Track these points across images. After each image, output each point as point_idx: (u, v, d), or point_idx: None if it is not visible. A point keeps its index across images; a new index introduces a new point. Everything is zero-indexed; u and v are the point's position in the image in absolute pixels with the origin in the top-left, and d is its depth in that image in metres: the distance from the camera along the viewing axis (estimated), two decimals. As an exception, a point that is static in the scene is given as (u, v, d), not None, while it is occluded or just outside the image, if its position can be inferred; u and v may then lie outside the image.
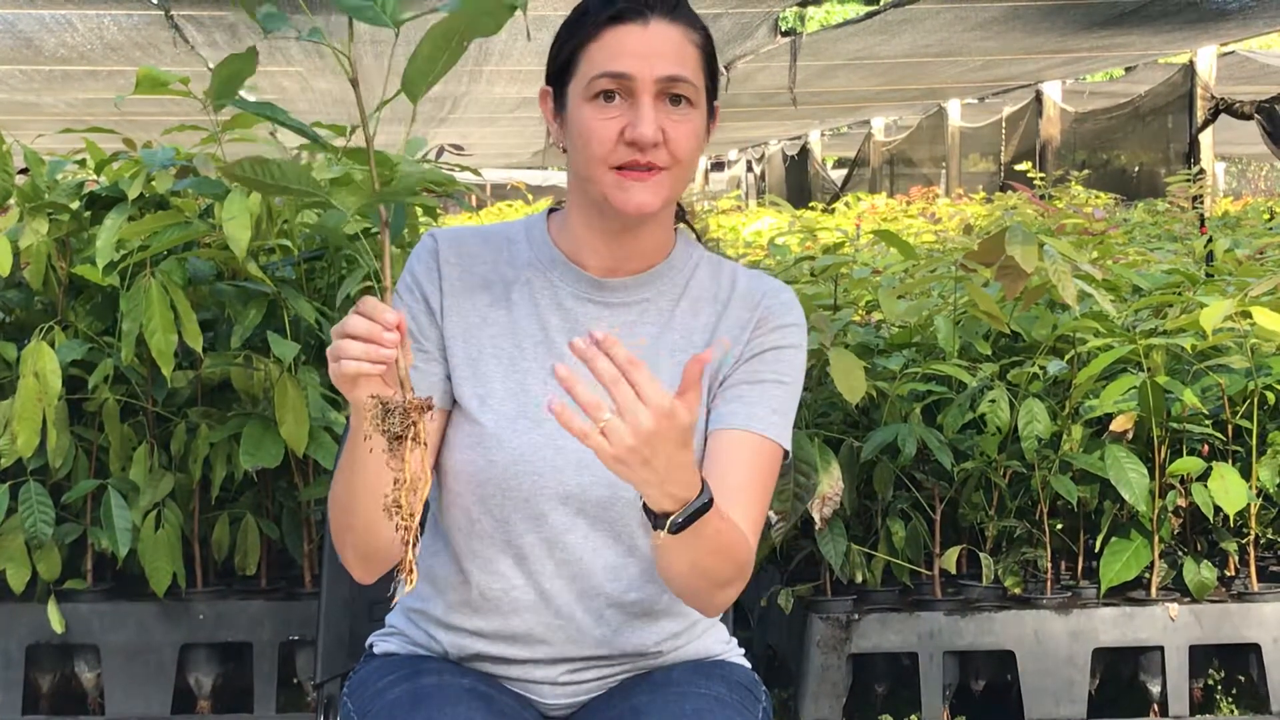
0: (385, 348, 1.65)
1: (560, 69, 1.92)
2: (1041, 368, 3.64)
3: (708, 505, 1.67)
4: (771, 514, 3.21)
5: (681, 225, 2.03)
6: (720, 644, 2.06)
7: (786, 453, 1.95)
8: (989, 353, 3.74)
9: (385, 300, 1.68)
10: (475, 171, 3.94)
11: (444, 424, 1.93)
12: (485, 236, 1.99)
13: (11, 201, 3.44)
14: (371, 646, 2.07)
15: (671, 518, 1.66)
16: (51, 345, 3.29)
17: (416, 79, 1.57)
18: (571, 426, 1.55)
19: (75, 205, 3.48)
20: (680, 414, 1.58)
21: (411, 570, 1.64)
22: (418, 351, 1.91)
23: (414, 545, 1.64)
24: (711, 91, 1.93)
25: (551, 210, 2.02)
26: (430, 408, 1.63)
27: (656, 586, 1.93)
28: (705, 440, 1.92)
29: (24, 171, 3.54)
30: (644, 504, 1.67)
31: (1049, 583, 3.69)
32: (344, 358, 1.65)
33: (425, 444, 1.62)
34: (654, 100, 1.84)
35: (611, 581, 1.92)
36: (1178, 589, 3.73)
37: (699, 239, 2.06)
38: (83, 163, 3.64)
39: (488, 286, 1.95)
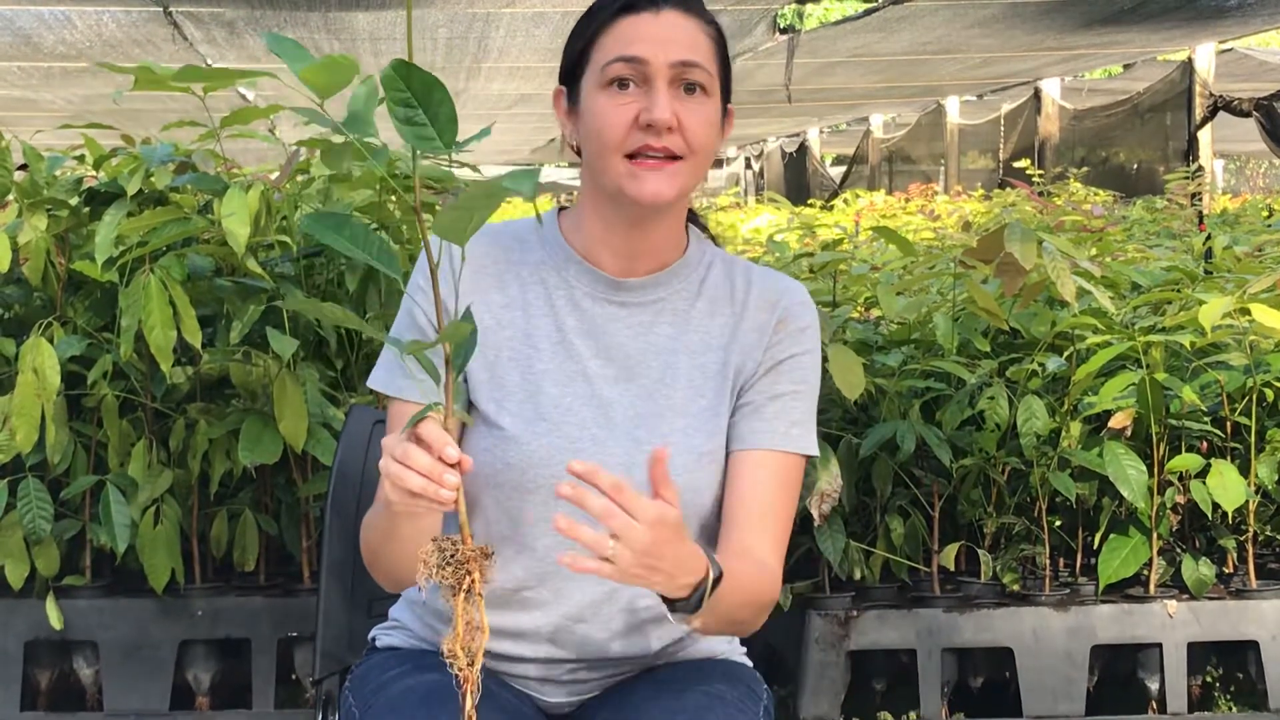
0: (445, 490, 1.57)
1: (573, 64, 1.92)
2: (1040, 364, 3.64)
3: (718, 579, 1.72)
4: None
5: (692, 225, 2.01)
6: (721, 643, 2.05)
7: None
8: (988, 349, 3.73)
9: (450, 429, 1.59)
10: (474, 168, 3.93)
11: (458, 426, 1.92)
12: (493, 235, 1.96)
13: (10, 197, 3.44)
14: (374, 640, 2.06)
15: (686, 601, 1.70)
16: (50, 341, 3.28)
17: (452, 228, 1.51)
18: (585, 567, 1.59)
19: (74, 201, 3.48)
20: (669, 514, 1.62)
21: None
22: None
23: (475, 694, 1.57)
24: (725, 86, 1.93)
25: (561, 209, 2.00)
26: (489, 555, 1.57)
27: None
28: (728, 450, 1.94)
29: (23, 168, 3.53)
30: (662, 598, 1.71)
31: (1047, 580, 3.69)
32: (401, 488, 1.59)
33: (482, 594, 1.56)
34: (668, 87, 1.84)
35: (624, 587, 1.89)
36: (1176, 586, 3.74)
37: (709, 236, 2.05)
38: (81, 159, 3.63)
39: (501, 287, 1.93)
